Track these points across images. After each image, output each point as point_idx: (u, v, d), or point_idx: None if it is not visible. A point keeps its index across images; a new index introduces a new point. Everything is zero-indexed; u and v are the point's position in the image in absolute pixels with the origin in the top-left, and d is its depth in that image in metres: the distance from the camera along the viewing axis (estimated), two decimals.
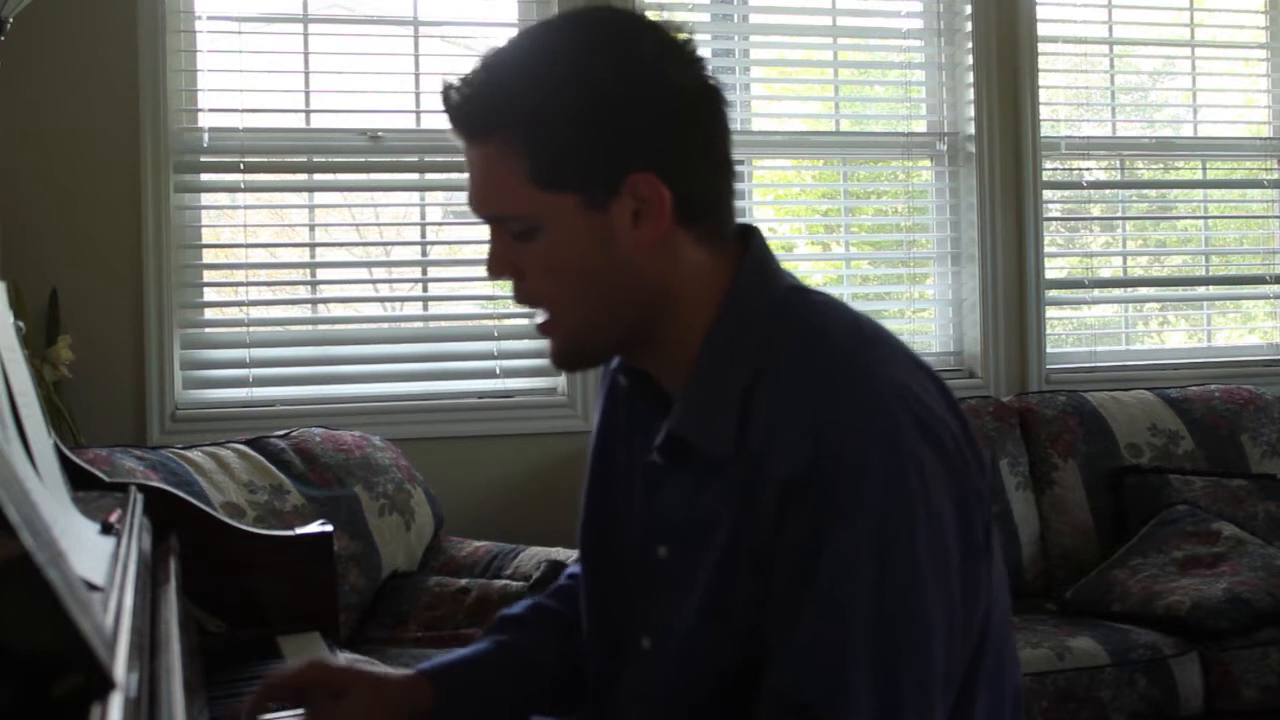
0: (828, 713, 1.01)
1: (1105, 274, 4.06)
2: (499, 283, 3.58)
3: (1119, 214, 4.10)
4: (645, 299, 1.14)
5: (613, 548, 1.26)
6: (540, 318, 1.18)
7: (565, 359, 1.21)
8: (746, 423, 1.10)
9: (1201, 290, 4.14)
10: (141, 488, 1.61)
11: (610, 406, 1.30)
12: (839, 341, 1.12)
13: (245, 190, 3.28)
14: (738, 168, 4.10)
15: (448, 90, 1.14)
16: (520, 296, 1.18)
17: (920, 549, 1.04)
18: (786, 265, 1.22)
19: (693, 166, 1.13)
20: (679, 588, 1.15)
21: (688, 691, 1.14)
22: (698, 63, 1.14)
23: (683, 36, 1.15)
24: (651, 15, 1.16)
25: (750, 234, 1.20)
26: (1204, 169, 4.13)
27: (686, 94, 1.13)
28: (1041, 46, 3.76)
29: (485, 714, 1.29)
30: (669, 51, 1.13)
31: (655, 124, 1.11)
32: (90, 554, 1.09)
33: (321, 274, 3.40)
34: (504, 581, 2.59)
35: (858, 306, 1.24)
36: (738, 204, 1.22)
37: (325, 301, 3.38)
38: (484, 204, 1.15)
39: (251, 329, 3.22)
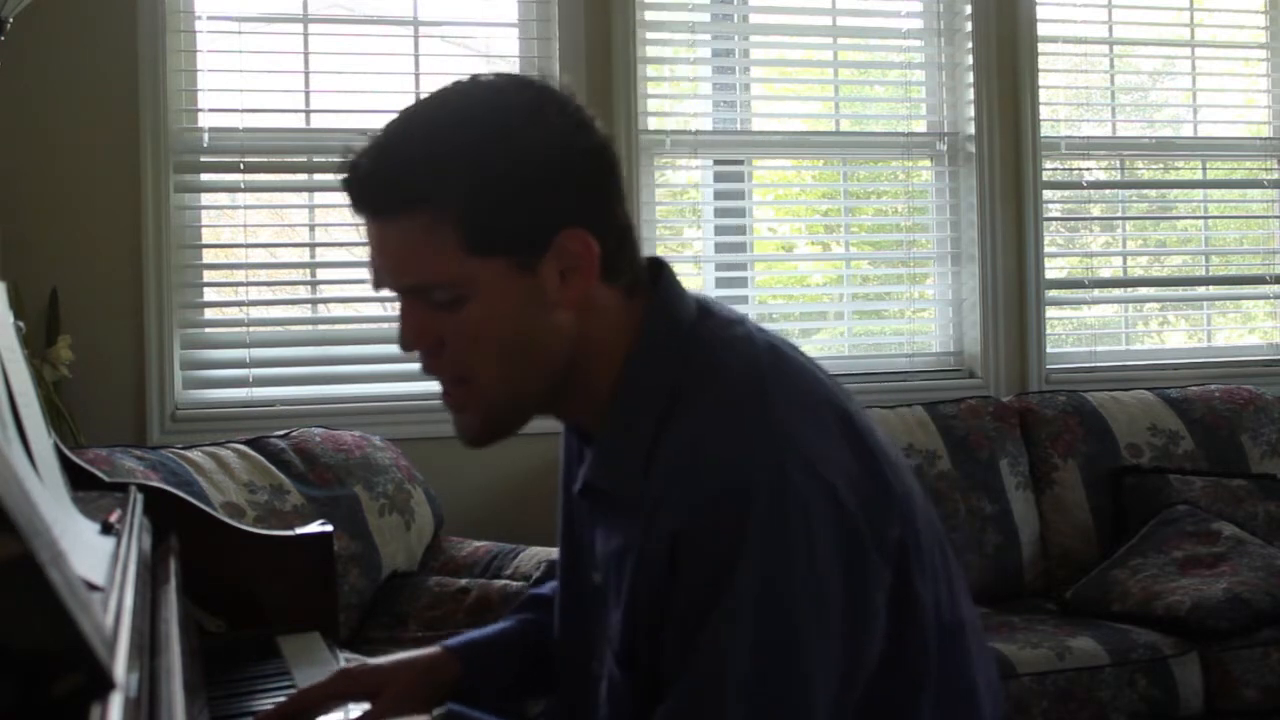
0: None
1: (1105, 274, 4.05)
2: None
3: (1119, 214, 4.10)
4: (564, 355, 1.15)
5: (574, 567, 1.29)
6: (453, 392, 1.17)
7: (487, 432, 1.19)
8: (650, 467, 1.11)
9: (1201, 290, 4.14)
10: (141, 488, 1.61)
11: (568, 435, 1.33)
12: (735, 388, 1.12)
13: (245, 190, 3.28)
14: (738, 168, 4.09)
15: (352, 169, 1.13)
16: (437, 367, 1.16)
17: (800, 601, 1.04)
18: (786, 265, 1.22)
19: (609, 221, 1.15)
20: (608, 617, 1.18)
21: None
22: (592, 124, 1.16)
23: (576, 101, 1.16)
24: (542, 77, 1.17)
25: (659, 269, 1.21)
26: (1204, 169, 4.12)
27: (593, 154, 1.14)
28: (1041, 46, 3.76)
29: (509, 689, 1.33)
30: (571, 115, 1.14)
31: (575, 183, 1.12)
32: (90, 554, 1.09)
33: (321, 274, 3.40)
34: (504, 581, 2.59)
35: (857, 306, 1.24)
36: (738, 204, 1.23)
37: (325, 301, 3.38)
38: (405, 276, 1.13)
39: (251, 329, 3.22)
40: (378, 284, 1.16)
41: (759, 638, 1.03)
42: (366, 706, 1.27)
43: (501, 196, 1.09)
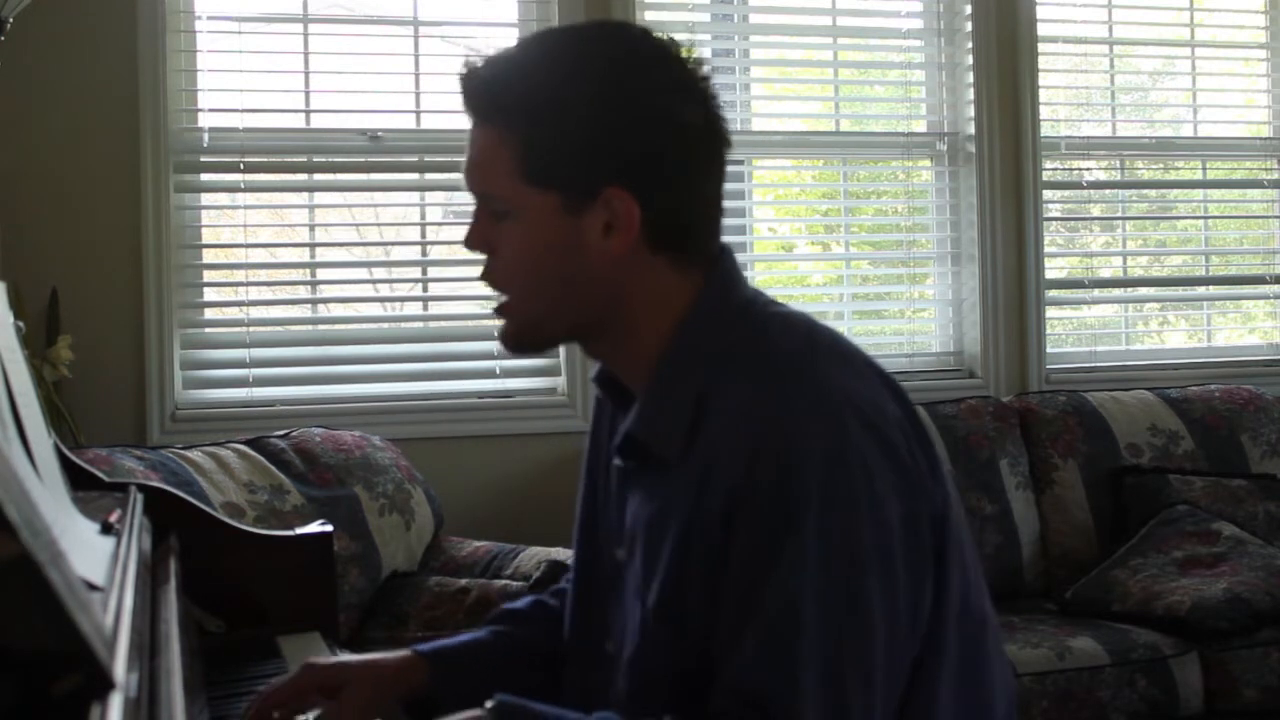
0: (780, 708, 1.04)
1: (1105, 274, 4.05)
2: None
3: (1119, 214, 4.10)
4: (598, 303, 1.20)
5: (592, 553, 1.31)
6: (499, 299, 1.24)
7: (515, 341, 1.25)
8: (698, 427, 1.14)
9: (1201, 290, 4.14)
10: (141, 488, 1.61)
11: (598, 418, 1.36)
12: (788, 349, 1.16)
13: (245, 190, 3.27)
14: (738, 168, 4.09)
15: (466, 69, 1.21)
16: (485, 274, 1.24)
17: (865, 551, 1.07)
18: (786, 265, 1.24)
19: (672, 196, 1.18)
20: (633, 592, 1.19)
21: (643, 695, 1.17)
22: (709, 102, 1.19)
23: (702, 73, 1.20)
24: (683, 47, 1.21)
25: (723, 252, 1.24)
26: (1204, 169, 4.12)
27: (689, 131, 1.18)
28: (1041, 46, 3.76)
29: (475, 699, 1.31)
30: (682, 86, 1.18)
31: (646, 149, 1.17)
32: (90, 554, 1.09)
33: (321, 274, 3.39)
34: (504, 581, 2.58)
35: (857, 306, 1.26)
36: (738, 204, 1.25)
37: (325, 301, 3.38)
38: (473, 180, 1.21)
39: (251, 329, 3.22)
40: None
41: (827, 586, 1.06)
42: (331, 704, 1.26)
43: (561, 139, 1.16)
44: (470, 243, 1.23)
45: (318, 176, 3.35)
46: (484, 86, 1.19)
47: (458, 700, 1.29)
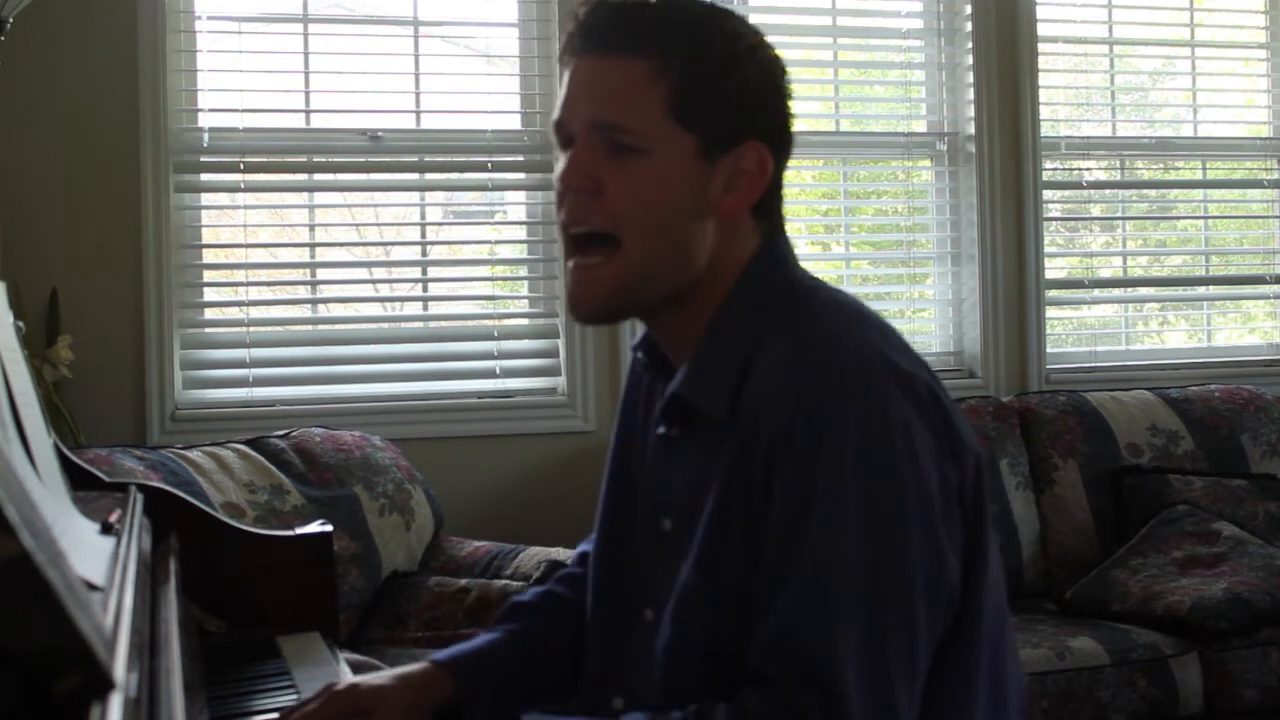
0: (821, 657, 1.04)
1: (1105, 274, 4.05)
2: (499, 283, 3.59)
3: (1119, 214, 4.10)
4: (698, 266, 1.19)
5: (626, 524, 1.29)
6: (592, 254, 1.17)
7: (604, 306, 1.20)
8: (742, 389, 1.14)
9: (1201, 290, 4.14)
10: (141, 488, 1.61)
11: (632, 390, 1.34)
12: (834, 318, 1.16)
13: (245, 190, 3.27)
14: None
15: (596, 4, 1.18)
16: (585, 212, 1.16)
17: (906, 503, 1.08)
18: None
19: (785, 159, 1.22)
20: (679, 557, 1.18)
21: (682, 650, 1.16)
22: (788, 87, 1.26)
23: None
24: None
25: (782, 233, 1.26)
26: (1204, 169, 4.13)
27: (788, 100, 1.24)
28: (1041, 46, 3.76)
29: (501, 701, 1.31)
30: (782, 69, 1.25)
31: (779, 108, 1.22)
32: (90, 554, 1.09)
33: (321, 274, 3.39)
34: (504, 581, 2.59)
35: None
36: None
37: (325, 301, 3.38)
38: (603, 109, 1.15)
39: (251, 329, 3.22)
40: (562, 121, 1.19)
41: (867, 537, 1.06)
42: None
43: (715, 78, 1.17)
44: (571, 176, 1.16)
45: (318, 176, 3.35)
46: (639, 17, 1.17)
47: (483, 708, 1.29)
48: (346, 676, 1.41)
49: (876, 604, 1.05)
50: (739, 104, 1.18)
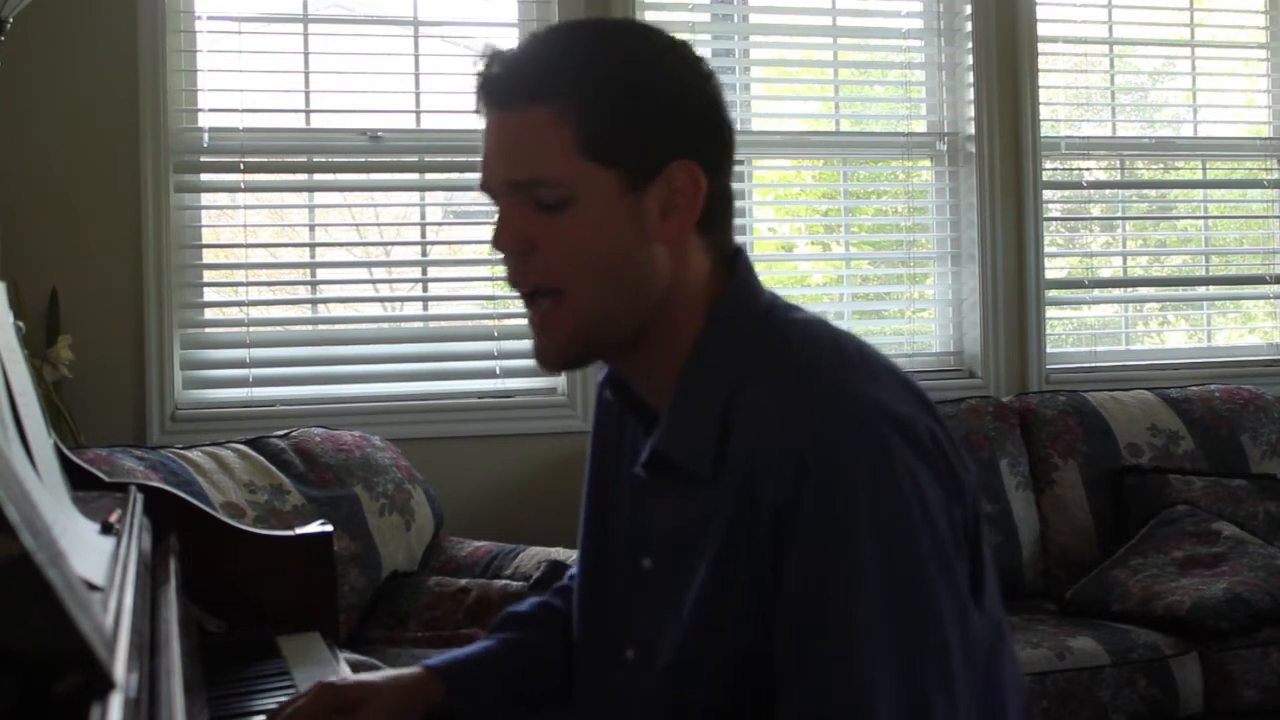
0: None
1: (1105, 274, 4.05)
2: (499, 282, 3.59)
3: (1119, 214, 4.10)
4: (658, 294, 1.15)
5: (605, 556, 1.27)
6: (539, 306, 1.15)
7: (563, 355, 1.18)
8: (727, 438, 1.11)
9: (1201, 290, 4.14)
10: (141, 488, 1.61)
11: (603, 416, 1.32)
12: (819, 359, 1.12)
13: (245, 190, 3.27)
14: (738, 168, 4.09)
15: (491, 59, 1.15)
16: (524, 274, 1.15)
17: (926, 558, 1.05)
18: (786, 265, 1.23)
19: (722, 169, 1.17)
20: (663, 601, 1.16)
21: (680, 705, 1.15)
22: (719, 89, 1.18)
23: (709, 67, 1.19)
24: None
25: (738, 252, 1.22)
26: (1204, 169, 4.13)
27: (716, 107, 1.17)
28: (1041, 46, 3.76)
29: (492, 710, 1.30)
30: (702, 69, 1.18)
31: (697, 119, 1.15)
32: (90, 554, 1.09)
33: (321, 274, 3.40)
34: (504, 581, 2.59)
35: (857, 307, 1.25)
36: (738, 204, 1.23)
37: (325, 301, 3.38)
38: (516, 168, 1.12)
39: (251, 329, 3.22)
40: (485, 183, 1.16)
41: (893, 601, 1.03)
42: None
43: (623, 107, 1.11)
44: (502, 241, 1.14)
45: (318, 176, 3.35)
46: (531, 65, 1.13)
47: (474, 714, 1.29)
48: (345, 676, 1.41)
49: (916, 674, 1.02)
50: (653, 128, 1.12)
